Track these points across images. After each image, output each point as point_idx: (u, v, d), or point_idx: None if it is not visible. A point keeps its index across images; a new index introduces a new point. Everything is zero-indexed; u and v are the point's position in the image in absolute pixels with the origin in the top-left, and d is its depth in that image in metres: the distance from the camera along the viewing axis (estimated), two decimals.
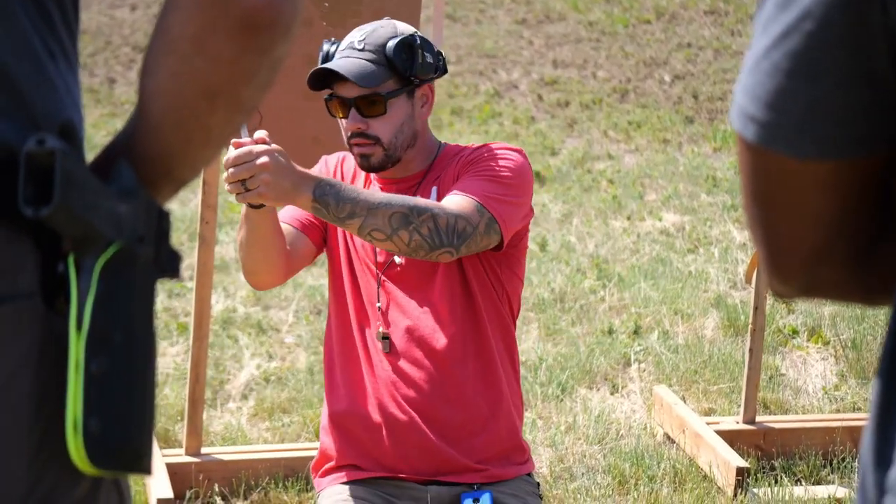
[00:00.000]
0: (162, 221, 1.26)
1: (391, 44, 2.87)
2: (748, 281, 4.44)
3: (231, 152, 2.59)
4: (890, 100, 1.08)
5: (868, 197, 1.13)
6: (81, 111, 1.31)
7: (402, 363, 2.90)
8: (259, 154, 2.59)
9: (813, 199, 1.13)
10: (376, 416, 2.91)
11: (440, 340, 2.90)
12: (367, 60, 2.86)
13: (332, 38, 2.99)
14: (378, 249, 2.91)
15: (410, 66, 2.88)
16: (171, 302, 5.90)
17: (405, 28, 2.95)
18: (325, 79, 2.89)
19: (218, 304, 5.77)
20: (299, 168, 2.68)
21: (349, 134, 2.90)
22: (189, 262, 5.89)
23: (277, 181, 2.63)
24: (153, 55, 1.27)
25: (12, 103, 1.20)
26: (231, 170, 2.60)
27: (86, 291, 1.17)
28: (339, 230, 2.97)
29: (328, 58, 2.93)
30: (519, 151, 2.95)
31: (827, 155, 1.10)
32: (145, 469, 1.22)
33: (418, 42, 2.89)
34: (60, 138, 1.19)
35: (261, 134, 2.63)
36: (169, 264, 1.27)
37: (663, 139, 9.42)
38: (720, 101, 10.30)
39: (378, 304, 2.93)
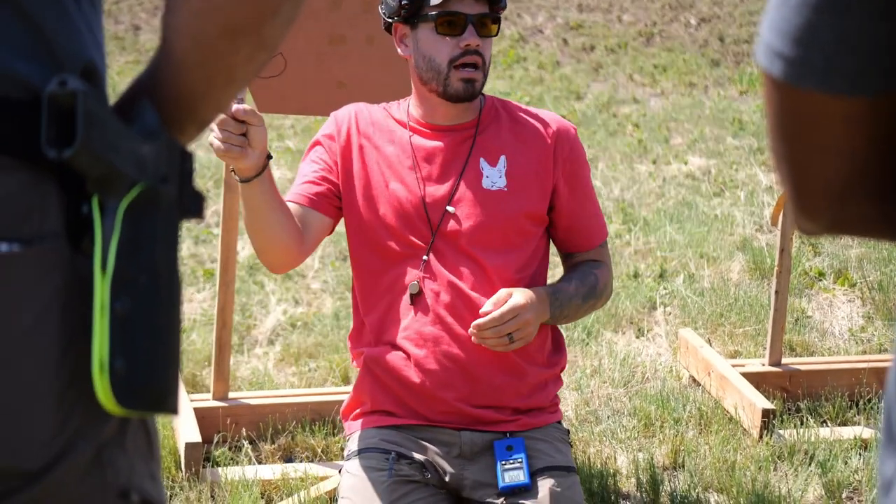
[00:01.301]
0: (185, 162, 1.26)
1: None
2: (774, 223, 4.42)
3: (490, 315, 2.80)
4: None
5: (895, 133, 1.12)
6: (104, 51, 1.30)
7: (440, 315, 2.89)
8: (520, 309, 2.79)
9: (841, 135, 1.12)
10: (410, 368, 2.90)
11: (482, 296, 2.89)
12: None
13: None
14: (429, 204, 2.90)
15: None
16: (197, 248, 5.92)
17: None
18: None
19: (244, 250, 5.79)
20: (535, 296, 2.85)
21: (459, 52, 2.87)
22: (215, 209, 5.91)
23: (536, 321, 2.86)
24: None
25: (35, 44, 1.20)
26: (490, 330, 2.80)
27: (110, 233, 1.17)
28: (363, 190, 2.93)
29: None
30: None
31: (856, 89, 1.09)
32: (171, 409, 1.22)
33: None
34: (83, 79, 1.18)
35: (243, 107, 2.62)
36: (193, 205, 1.27)
37: (689, 83, 9.37)
38: (746, 44, 10.23)
39: (424, 257, 2.91)
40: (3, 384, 1.15)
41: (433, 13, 2.86)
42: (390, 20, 2.95)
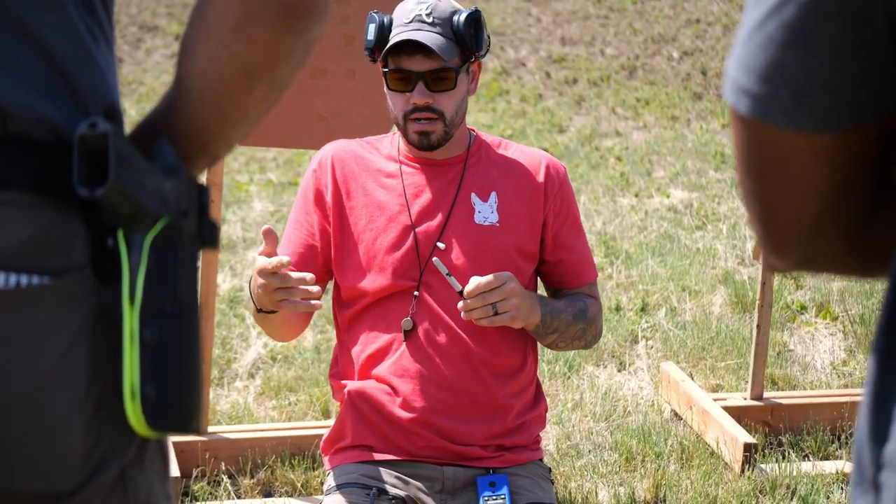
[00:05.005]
0: (202, 195, 1.33)
1: (460, 18, 2.85)
2: (755, 257, 4.43)
3: (478, 280, 2.76)
4: (886, 70, 1.07)
5: (864, 168, 1.12)
6: (118, 88, 1.37)
7: (430, 352, 2.88)
8: (507, 279, 2.76)
9: (809, 172, 1.12)
10: (395, 403, 2.89)
11: (468, 332, 2.88)
12: (439, 34, 2.84)
13: (376, 10, 2.94)
14: (420, 240, 2.90)
15: (475, 42, 2.87)
16: None
17: (456, 3, 2.94)
18: (395, 49, 2.85)
19: (225, 283, 5.77)
20: (526, 289, 2.86)
21: (411, 108, 2.86)
22: None
23: (523, 302, 2.81)
24: (192, 40, 1.33)
25: (62, 86, 1.27)
26: (476, 298, 2.76)
27: (137, 266, 1.25)
28: (353, 227, 2.93)
29: (386, 28, 2.88)
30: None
31: (823, 127, 1.08)
32: (195, 429, 1.31)
33: (482, 18, 2.89)
34: (106, 118, 1.26)
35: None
36: (209, 236, 1.35)
37: (671, 116, 9.39)
38: None
39: (416, 293, 2.90)
40: (39, 410, 1.23)
41: (384, 69, 2.87)
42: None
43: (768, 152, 1.12)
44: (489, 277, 2.76)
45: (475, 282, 2.76)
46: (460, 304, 2.78)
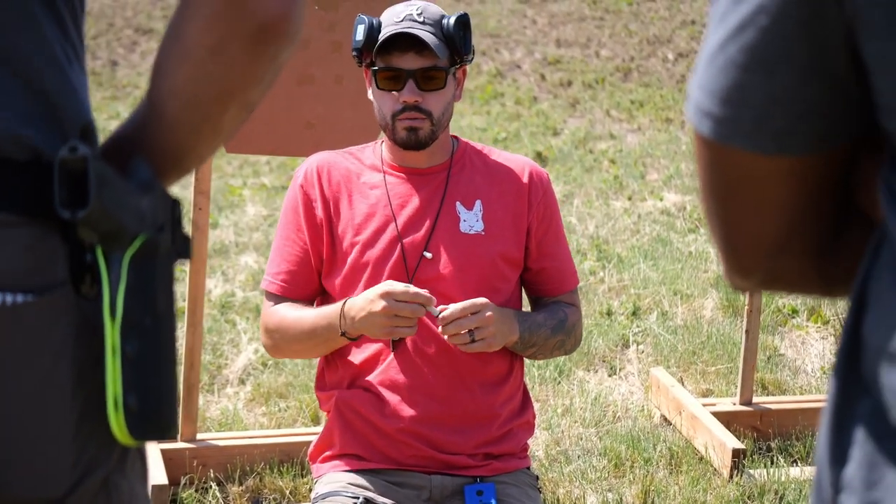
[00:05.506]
0: (175, 210, 1.37)
1: (450, 20, 2.87)
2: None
3: (455, 306, 2.76)
4: (847, 94, 1.07)
5: (827, 190, 1.12)
6: (91, 109, 1.40)
7: (418, 362, 2.88)
8: (483, 306, 2.77)
9: (772, 194, 1.12)
10: (383, 412, 2.88)
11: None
12: (430, 33, 2.85)
13: (361, 14, 2.94)
14: (406, 250, 2.91)
15: (464, 44, 2.88)
16: None
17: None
18: (386, 46, 2.85)
19: (217, 289, 5.77)
20: (502, 309, 2.86)
21: (400, 107, 2.87)
22: None
23: (499, 329, 2.81)
24: (167, 59, 1.35)
25: (41, 109, 1.30)
26: (451, 324, 2.76)
27: (116, 282, 1.29)
28: (340, 238, 2.94)
29: (376, 29, 2.88)
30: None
31: (785, 150, 1.08)
32: (173, 435, 1.35)
33: (470, 22, 2.90)
34: (82, 138, 1.31)
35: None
36: (183, 248, 1.39)
37: (666, 118, 9.40)
38: None
39: None
40: (28, 422, 1.27)
41: (374, 68, 2.88)
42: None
43: (731, 173, 1.13)
44: (464, 304, 2.77)
45: (451, 308, 2.77)
46: (439, 328, 2.79)
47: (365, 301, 2.77)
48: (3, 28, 1.29)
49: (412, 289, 2.73)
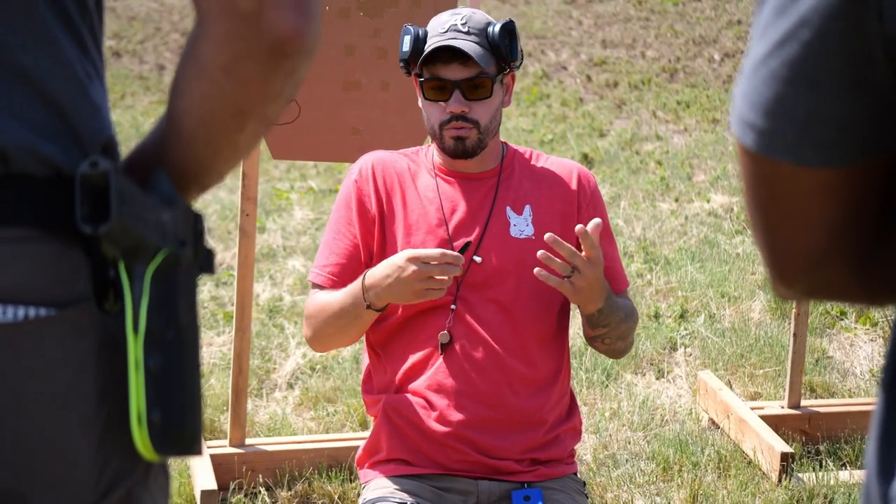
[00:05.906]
0: (198, 224, 1.38)
1: (495, 28, 2.88)
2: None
3: (566, 245, 2.72)
4: (889, 105, 1.07)
5: (869, 200, 1.12)
6: (112, 125, 1.42)
7: (466, 367, 2.88)
8: (598, 259, 2.74)
9: (814, 205, 1.12)
10: (431, 417, 2.89)
11: (504, 346, 2.88)
12: (475, 42, 2.86)
13: (408, 24, 2.96)
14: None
15: (510, 52, 2.89)
16: (217, 291, 5.93)
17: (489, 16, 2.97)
18: (431, 58, 2.87)
19: (265, 293, 5.80)
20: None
21: (447, 117, 2.88)
22: (235, 251, 5.92)
23: (594, 286, 2.77)
24: (184, 78, 1.36)
25: (61, 126, 1.31)
26: (559, 248, 2.71)
27: (139, 297, 1.29)
28: (390, 239, 2.94)
29: (421, 40, 2.90)
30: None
31: (828, 162, 1.09)
32: (197, 451, 1.34)
33: (516, 29, 2.91)
34: (104, 154, 1.31)
35: None
36: (206, 262, 1.40)
37: (713, 119, 9.36)
38: None
39: (452, 307, 2.91)
40: (51, 437, 1.27)
41: (420, 79, 2.89)
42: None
43: (774, 185, 1.13)
44: (576, 253, 2.74)
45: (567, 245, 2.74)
46: (540, 252, 2.76)
47: (391, 268, 2.76)
48: (25, 50, 1.30)
49: (438, 251, 2.72)
